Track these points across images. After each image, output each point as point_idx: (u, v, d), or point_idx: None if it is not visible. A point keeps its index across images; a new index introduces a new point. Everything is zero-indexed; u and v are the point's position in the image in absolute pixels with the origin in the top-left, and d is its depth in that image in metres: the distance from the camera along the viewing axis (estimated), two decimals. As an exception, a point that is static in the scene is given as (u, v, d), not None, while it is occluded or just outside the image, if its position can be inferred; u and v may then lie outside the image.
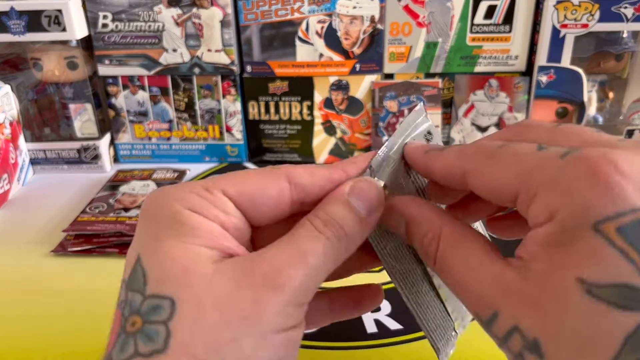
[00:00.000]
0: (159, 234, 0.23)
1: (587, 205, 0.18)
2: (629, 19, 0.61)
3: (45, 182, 0.70)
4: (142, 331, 0.21)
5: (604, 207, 0.18)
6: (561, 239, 0.19)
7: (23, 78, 0.68)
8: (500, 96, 0.67)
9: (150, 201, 0.24)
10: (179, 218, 0.23)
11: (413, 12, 0.65)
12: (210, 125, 0.71)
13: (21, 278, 0.51)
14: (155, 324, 0.21)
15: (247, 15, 0.65)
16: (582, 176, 0.19)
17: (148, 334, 0.21)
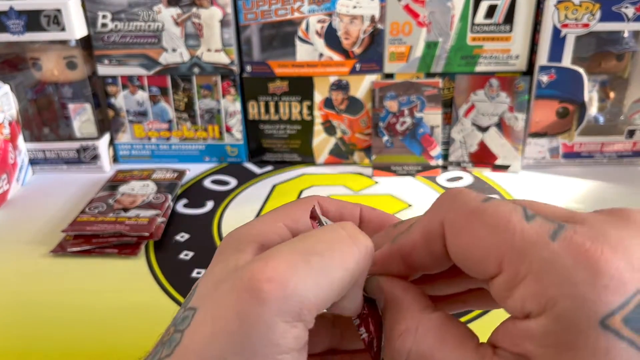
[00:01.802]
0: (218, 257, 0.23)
1: (592, 300, 0.17)
2: (629, 19, 0.61)
3: (44, 182, 0.69)
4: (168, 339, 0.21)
5: (610, 301, 0.17)
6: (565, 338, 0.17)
7: (22, 78, 0.68)
8: (500, 96, 0.67)
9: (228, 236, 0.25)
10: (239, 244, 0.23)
11: (413, 12, 0.65)
12: (210, 125, 0.71)
13: (21, 278, 0.50)
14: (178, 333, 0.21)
15: (247, 14, 0.65)
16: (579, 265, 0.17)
17: (170, 341, 0.21)
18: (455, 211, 0.20)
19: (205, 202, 0.63)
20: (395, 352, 0.21)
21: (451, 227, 0.20)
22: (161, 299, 0.47)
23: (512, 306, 0.19)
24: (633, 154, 0.68)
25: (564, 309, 0.17)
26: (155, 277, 0.50)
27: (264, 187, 0.66)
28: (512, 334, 0.19)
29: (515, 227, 0.18)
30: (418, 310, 0.21)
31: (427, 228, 0.21)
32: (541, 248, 0.18)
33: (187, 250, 0.54)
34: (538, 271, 0.18)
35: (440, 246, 0.21)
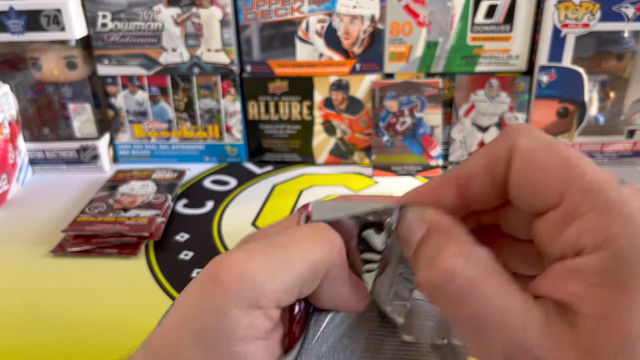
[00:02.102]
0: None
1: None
2: (630, 19, 0.61)
3: (44, 182, 0.69)
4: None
5: None
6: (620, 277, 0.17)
7: (22, 78, 0.68)
8: (501, 96, 0.67)
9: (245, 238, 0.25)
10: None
11: (413, 12, 0.65)
12: (210, 125, 0.71)
13: (20, 278, 0.50)
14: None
15: (247, 14, 0.65)
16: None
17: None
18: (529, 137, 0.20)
19: (205, 202, 0.63)
20: (441, 274, 0.19)
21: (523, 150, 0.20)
22: (161, 298, 0.47)
23: (563, 242, 0.18)
24: (633, 154, 0.68)
25: (625, 247, 0.17)
26: (155, 277, 0.50)
27: (264, 187, 0.66)
28: (557, 276, 0.18)
29: (587, 166, 0.18)
30: (469, 242, 0.20)
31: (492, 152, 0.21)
32: (609, 189, 0.17)
33: (187, 250, 0.54)
34: (603, 208, 0.17)
35: (502, 171, 0.20)
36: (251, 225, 0.58)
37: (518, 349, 0.18)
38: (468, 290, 0.19)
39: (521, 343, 0.18)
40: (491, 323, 0.18)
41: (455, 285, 0.19)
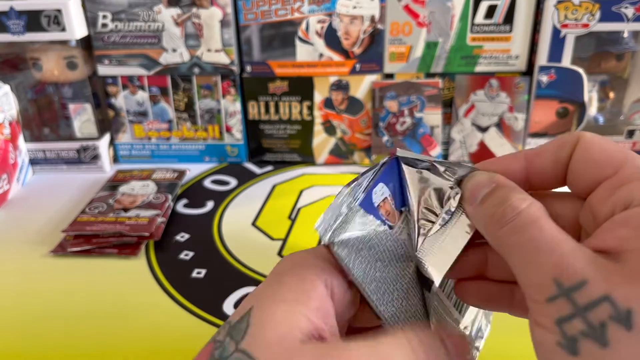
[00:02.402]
0: (278, 294, 0.25)
1: None
2: (629, 19, 0.61)
3: (44, 182, 0.69)
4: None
5: None
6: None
7: (22, 78, 0.68)
8: (500, 96, 0.67)
9: (290, 259, 0.26)
10: (307, 286, 0.25)
11: (413, 12, 0.65)
12: (210, 125, 0.71)
13: (21, 278, 0.50)
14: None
15: (247, 14, 0.65)
16: None
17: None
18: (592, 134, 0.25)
19: (206, 202, 0.63)
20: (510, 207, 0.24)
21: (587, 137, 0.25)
22: (161, 299, 0.47)
23: (613, 201, 0.22)
24: (633, 154, 0.68)
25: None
26: (155, 277, 0.50)
27: (264, 187, 0.66)
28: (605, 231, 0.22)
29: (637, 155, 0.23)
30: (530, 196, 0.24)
31: (561, 139, 0.26)
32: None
33: (187, 250, 0.54)
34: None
35: (566, 153, 0.25)
36: (251, 225, 0.58)
37: (566, 271, 0.21)
38: (530, 221, 0.23)
39: (569, 266, 0.21)
40: (545, 246, 0.22)
41: (520, 217, 0.23)
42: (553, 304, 0.21)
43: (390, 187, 0.29)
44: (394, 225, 0.28)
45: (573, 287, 0.20)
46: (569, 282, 0.21)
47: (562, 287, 0.21)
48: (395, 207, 0.29)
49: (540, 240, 0.22)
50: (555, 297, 0.21)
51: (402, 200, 0.29)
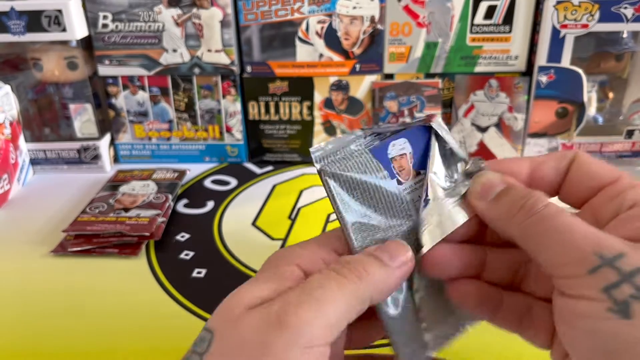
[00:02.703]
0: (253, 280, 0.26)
1: None
2: (629, 19, 0.61)
3: (45, 182, 0.70)
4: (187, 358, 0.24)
5: None
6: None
7: (23, 78, 0.68)
8: (500, 96, 0.67)
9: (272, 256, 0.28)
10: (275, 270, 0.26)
11: (413, 12, 0.65)
12: (210, 126, 0.71)
13: (21, 278, 0.51)
14: (194, 354, 0.23)
15: (247, 15, 0.65)
16: None
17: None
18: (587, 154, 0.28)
19: (206, 202, 0.63)
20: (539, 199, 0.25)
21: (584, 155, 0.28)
22: (162, 298, 0.47)
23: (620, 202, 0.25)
24: (632, 154, 0.68)
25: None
26: (155, 276, 0.50)
27: (264, 187, 0.67)
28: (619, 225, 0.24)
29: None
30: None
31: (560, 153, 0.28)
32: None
33: (187, 250, 0.54)
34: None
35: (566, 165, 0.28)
36: (251, 225, 0.59)
37: (605, 244, 0.22)
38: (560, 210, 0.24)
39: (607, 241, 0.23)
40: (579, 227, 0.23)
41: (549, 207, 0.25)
42: (597, 274, 0.22)
43: (413, 146, 0.29)
44: (403, 182, 0.29)
45: (615, 257, 0.22)
46: (609, 253, 0.22)
47: (605, 257, 0.22)
48: (414, 166, 0.29)
49: (574, 223, 0.24)
50: (599, 267, 0.22)
51: (423, 163, 0.29)
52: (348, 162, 0.28)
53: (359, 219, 0.28)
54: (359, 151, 0.28)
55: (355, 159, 0.28)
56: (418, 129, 0.29)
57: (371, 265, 0.25)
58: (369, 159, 0.28)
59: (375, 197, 0.28)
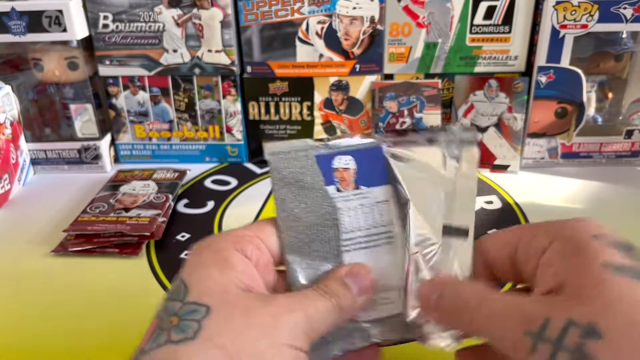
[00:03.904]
0: (203, 263, 0.28)
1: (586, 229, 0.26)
2: (628, 20, 0.61)
3: (45, 182, 0.70)
4: (177, 326, 0.25)
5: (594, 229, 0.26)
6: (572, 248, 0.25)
7: (24, 78, 0.69)
8: (499, 96, 0.67)
9: (202, 241, 0.30)
10: (223, 254, 0.29)
11: (413, 13, 0.65)
12: (211, 126, 0.71)
13: (21, 278, 0.51)
14: (190, 321, 0.25)
15: (247, 15, 0.65)
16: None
17: (182, 327, 0.25)
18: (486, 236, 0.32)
19: (206, 202, 0.63)
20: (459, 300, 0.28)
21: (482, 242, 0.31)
22: (162, 298, 0.47)
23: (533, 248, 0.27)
24: (631, 154, 0.68)
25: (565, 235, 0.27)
26: (156, 276, 0.50)
27: (264, 187, 0.67)
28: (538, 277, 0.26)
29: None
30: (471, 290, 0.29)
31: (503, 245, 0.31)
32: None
33: (188, 250, 0.54)
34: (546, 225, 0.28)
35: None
36: (251, 224, 0.59)
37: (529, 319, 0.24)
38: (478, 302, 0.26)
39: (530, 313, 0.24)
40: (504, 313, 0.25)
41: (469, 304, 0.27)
42: (536, 352, 0.23)
43: (359, 164, 0.33)
44: (343, 190, 0.32)
45: (541, 328, 0.23)
46: (535, 326, 0.23)
47: (533, 334, 0.23)
48: (355, 181, 0.32)
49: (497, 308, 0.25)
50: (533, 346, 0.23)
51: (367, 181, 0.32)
52: (293, 162, 0.32)
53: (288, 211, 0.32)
54: (306, 156, 0.32)
55: (299, 159, 0.32)
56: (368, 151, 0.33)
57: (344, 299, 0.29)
58: (311, 165, 0.32)
59: (309, 196, 0.32)
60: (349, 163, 0.32)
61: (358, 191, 0.32)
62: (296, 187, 0.32)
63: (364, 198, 0.32)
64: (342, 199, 0.32)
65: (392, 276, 0.32)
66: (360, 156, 0.33)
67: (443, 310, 0.29)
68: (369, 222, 0.33)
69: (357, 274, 0.31)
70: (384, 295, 0.32)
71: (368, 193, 0.32)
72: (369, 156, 0.33)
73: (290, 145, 0.32)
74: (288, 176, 0.32)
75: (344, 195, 0.32)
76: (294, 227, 0.32)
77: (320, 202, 0.32)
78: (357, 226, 0.32)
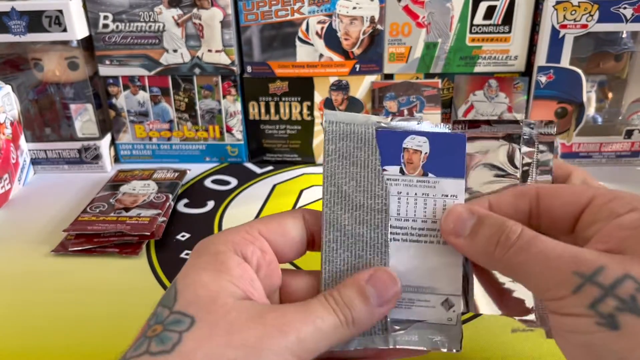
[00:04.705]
0: (199, 266, 0.27)
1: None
2: (628, 20, 0.61)
3: (46, 182, 0.70)
4: (158, 335, 0.24)
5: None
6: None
7: (24, 78, 0.69)
8: (499, 96, 0.67)
9: (202, 242, 0.29)
10: (221, 257, 0.27)
11: (413, 13, 0.65)
12: (211, 126, 0.71)
13: (21, 278, 0.51)
14: (172, 332, 0.24)
15: (248, 15, 0.65)
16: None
17: (162, 338, 0.24)
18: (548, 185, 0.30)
19: (206, 202, 0.63)
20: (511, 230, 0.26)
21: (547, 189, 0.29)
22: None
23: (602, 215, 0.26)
24: (631, 154, 0.68)
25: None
26: (156, 276, 0.50)
27: (264, 186, 0.67)
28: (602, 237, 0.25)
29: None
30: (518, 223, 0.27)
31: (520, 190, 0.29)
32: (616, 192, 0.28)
33: (188, 249, 0.54)
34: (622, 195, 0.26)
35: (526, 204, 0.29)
36: (251, 224, 0.59)
37: (582, 263, 0.23)
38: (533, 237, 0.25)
39: (584, 258, 0.23)
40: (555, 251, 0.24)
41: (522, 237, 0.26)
42: (580, 292, 0.23)
43: (433, 149, 0.30)
44: (407, 173, 0.30)
45: (594, 273, 0.23)
46: (588, 270, 0.23)
47: (585, 276, 0.23)
48: (423, 167, 0.30)
49: (549, 248, 0.25)
50: (581, 285, 0.23)
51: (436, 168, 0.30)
52: (350, 135, 0.29)
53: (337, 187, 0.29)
54: (366, 130, 0.29)
55: (359, 135, 0.29)
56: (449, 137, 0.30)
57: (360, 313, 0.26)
58: (370, 140, 0.29)
59: (359, 174, 0.29)
60: (421, 145, 0.29)
61: (425, 178, 0.29)
62: (349, 162, 0.29)
63: (429, 187, 0.29)
64: (403, 183, 0.29)
65: (440, 280, 0.29)
66: (438, 140, 0.29)
67: (478, 239, 0.27)
68: (428, 215, 0.29)
69: (380, 281, 0.27)
70: (424, 297, 0.29)
71: (435, 183, 0.29)
72: (448, 143, 0.30)
73: (352, 117, 0.29)
74: (342, 148, 0.29)
75: (407, 179, 0.29)
76: (340, 204, 0.29)
77: (372, 181, 0.29)
78: (412, 216, 0.29)
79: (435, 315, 0.29)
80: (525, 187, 0.29)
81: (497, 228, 0.27)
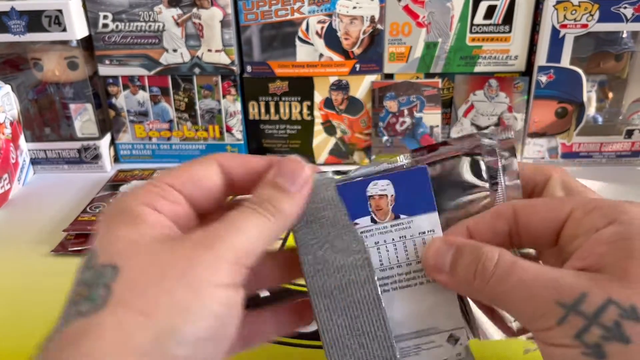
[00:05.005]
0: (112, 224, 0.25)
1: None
2: (628, 19, 0.61)
3: (45, 182, 0.70)
4: (86, 297, 0.23)
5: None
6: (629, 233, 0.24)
7: (23, 78, 0.68)
8: (499, 96, 0.67)
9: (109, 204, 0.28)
10: (131, 211, 0.25)
11: (413, 12, 0.65)
12: (211, 125, 0.71)
13: (21, 278, 0.51)
14: (97, 287, 0.23)
15: (247, 15, 0.65)
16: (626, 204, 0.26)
17: (90, 297, 0.23)
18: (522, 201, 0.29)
19: (206, 202, 0.63)
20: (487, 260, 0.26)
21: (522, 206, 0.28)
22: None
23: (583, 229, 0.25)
24: (631, 153, 0.68)
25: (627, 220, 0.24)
26: (156, 276, 0.50)
27: (264, 186, 0.67)
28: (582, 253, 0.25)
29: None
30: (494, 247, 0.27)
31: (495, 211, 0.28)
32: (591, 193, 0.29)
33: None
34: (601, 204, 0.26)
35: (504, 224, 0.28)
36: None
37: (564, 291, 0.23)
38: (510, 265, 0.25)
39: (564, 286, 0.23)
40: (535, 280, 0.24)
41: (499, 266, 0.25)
42: (565, 323, 0.23)
43: (398, 190, 0.29)
44: (378, 221, 0.29)
45: (576, 302, 0.23)
46: (570, 299, 0.23)
47: (567, 306, 0.23)
48: (393, 209, 0.29)
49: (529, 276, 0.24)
50: (565, 316, 0.23)
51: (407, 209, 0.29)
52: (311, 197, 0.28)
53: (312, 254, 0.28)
54: (325, 187, 0.28)
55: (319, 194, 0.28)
56: (408, 173, 0.29)
57: (279, 201, 0.26)
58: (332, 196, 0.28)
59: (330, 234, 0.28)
60: (385, 189, 0.28)
61: (398, 221, 0.29)
62: (317, 225, 0.28)
63: (404, 229, 0.29)
64: (378, 232, 0.29)
65: (440, 317, 0.29)
66: (400, 179, 0.28)
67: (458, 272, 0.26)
68: (410, 257, 0.29)
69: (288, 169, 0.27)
70: (428, 340, 0.29)
71: (410, 223, 0.29)
72: (411, 179, 0.29)
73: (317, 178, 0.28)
74: (307, 214, 0.28)
75: (381, 226, 0.29)
76: (321, 272, 0.28)
77: (346, 239, 0.28)
78: (395, 262, 0.29)
79: (444, 353, 0.29)
80: (501, 206, 0.28)
81: (473, 257, 0.26)
